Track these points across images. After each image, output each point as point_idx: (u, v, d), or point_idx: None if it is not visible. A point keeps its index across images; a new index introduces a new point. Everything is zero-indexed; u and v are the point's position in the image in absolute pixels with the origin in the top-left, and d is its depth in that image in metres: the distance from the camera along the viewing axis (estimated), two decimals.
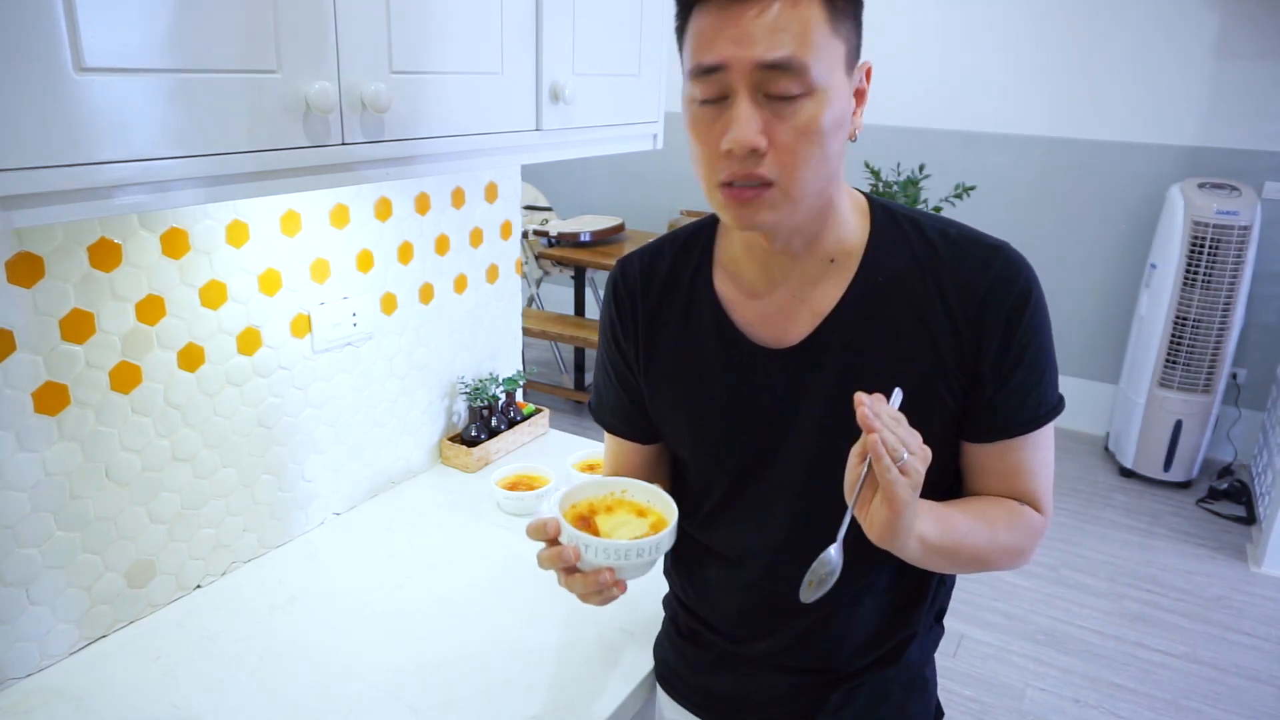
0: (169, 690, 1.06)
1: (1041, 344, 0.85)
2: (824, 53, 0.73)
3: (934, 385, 0.84)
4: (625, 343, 0.97)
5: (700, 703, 1.05)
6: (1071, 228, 4.00)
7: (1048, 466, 0.90)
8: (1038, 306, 0.84)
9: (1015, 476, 0.89)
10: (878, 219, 0.88)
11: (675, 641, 1.07)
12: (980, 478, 0.90)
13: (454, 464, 1.66)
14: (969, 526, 0.84)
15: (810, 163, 0.76)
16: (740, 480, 0.93)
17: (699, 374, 0.92)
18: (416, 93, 1.00)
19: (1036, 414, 0.86)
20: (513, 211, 1.74)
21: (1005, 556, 0.88)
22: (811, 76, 0.73)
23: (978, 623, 2.72)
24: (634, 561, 0.80)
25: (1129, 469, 3.69)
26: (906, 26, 4.12)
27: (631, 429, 1.01)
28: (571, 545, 0.80)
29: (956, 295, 0.83)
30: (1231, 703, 2.40)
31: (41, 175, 0.69)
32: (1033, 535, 0.89)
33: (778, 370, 0.88)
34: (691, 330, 0.92)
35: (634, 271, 0.97)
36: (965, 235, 0.86)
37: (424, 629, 1.19)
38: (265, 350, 1.29)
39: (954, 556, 0.83)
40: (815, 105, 0.74)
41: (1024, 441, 0.87)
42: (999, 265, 0.83)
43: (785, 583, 0.90)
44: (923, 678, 1.00)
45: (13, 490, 1.02)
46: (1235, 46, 3.53)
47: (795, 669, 0.97)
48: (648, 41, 1.37)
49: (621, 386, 1.00)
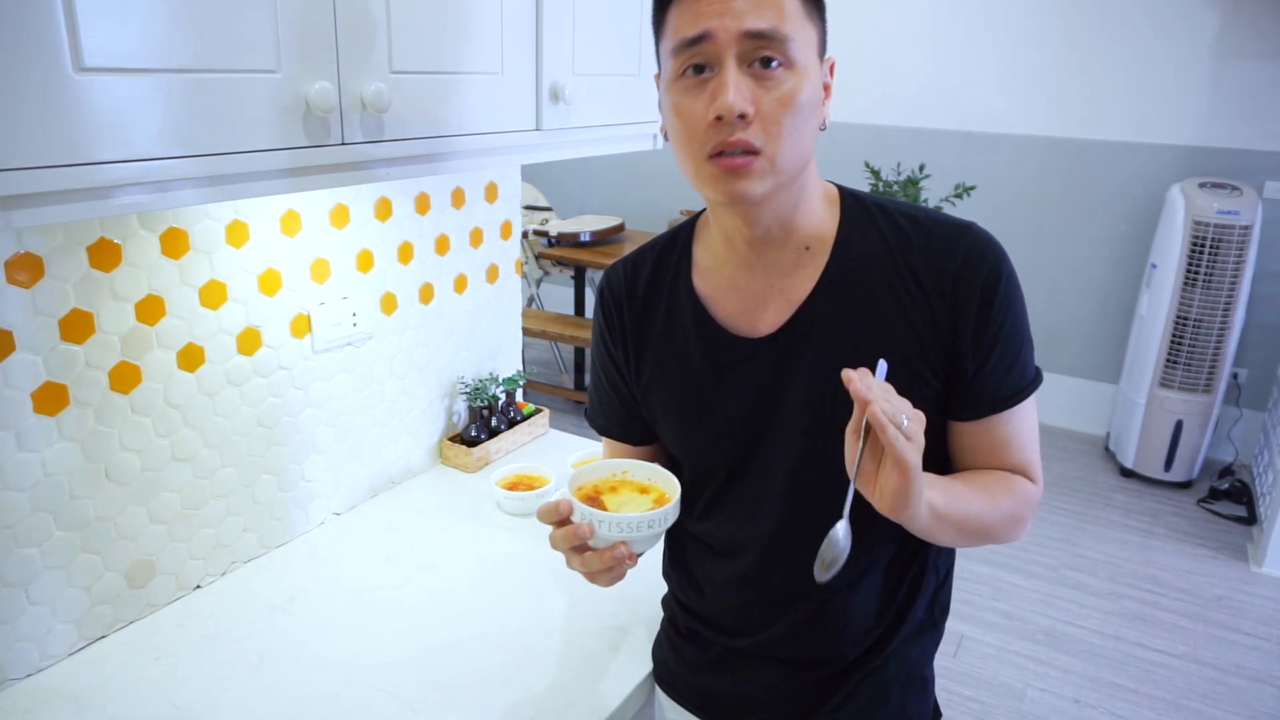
0: (169, 690, 1.06)
1: (1017, 318, 0.87)
2: (801, 32, 0.78)
3: (913, 366, 0.86)
4: (615, 349, 1.00)
5: (700, 704, 1.05)
6: (1072, 227, 4.00)
7: (1033, 437, 0.92)
8: (1010, 282, 0.86)
9: (1004, 450, 0.90)
10: (847, 206, 0.91)
11: (674, 641, 1.08)
12: (969, 455, 0.91)
13: (454, 464, 1.66)
14: (972, 495, 0.86)
15: (793, 134, 0.79)
16: (732, 473, 0.94)
17: (684, 370, 0.94)
18: (416, 93, 1.00)
19: (1019, 387, 0.88)
20: (513, 211, 1.74)
21: (1007, 525, 0.89)
22: (791, 50, 0.77)
23: (978, 623, 2.72)
24: (645, 533, 0.84)
25: (1129, 469, 3.69)
26: (907, 26, 4.12)
27: (624, 431, 1.04)
28: (585, 522, 0.83)
29: (929, 275, 0.85)
30: (1231, 703, 2.40)
31: (41, 175, 0.69)
32: (1029, 503, 0.91)
33: (757, 358, 0.90)
34: (675, 330, 0.95)
35: (618, 279, 1.00)
36: (932, 217, 0.89)
37: (424, 629, 1.19)
38: (265, 350, 1.29)
39: (961, 525, 0.84)
40: (795, 79, 0.78)
41: (1009, 416, 0.89)
42: (968, 243, 0.86)
43: (780, 571, 0.93)
44: (922, 678, 1.00)
45: (13, 490, 1.02)
46: (1235, 46, 3.53)
47: (794, 662, 0.97)
48: (648, 41, 1.36)
49: (613, 390, 1.03)
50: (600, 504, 0.88)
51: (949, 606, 1.02)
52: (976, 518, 0.85)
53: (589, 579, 0.88)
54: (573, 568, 0.87)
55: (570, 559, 0.87)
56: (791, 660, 0.97)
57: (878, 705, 0.97)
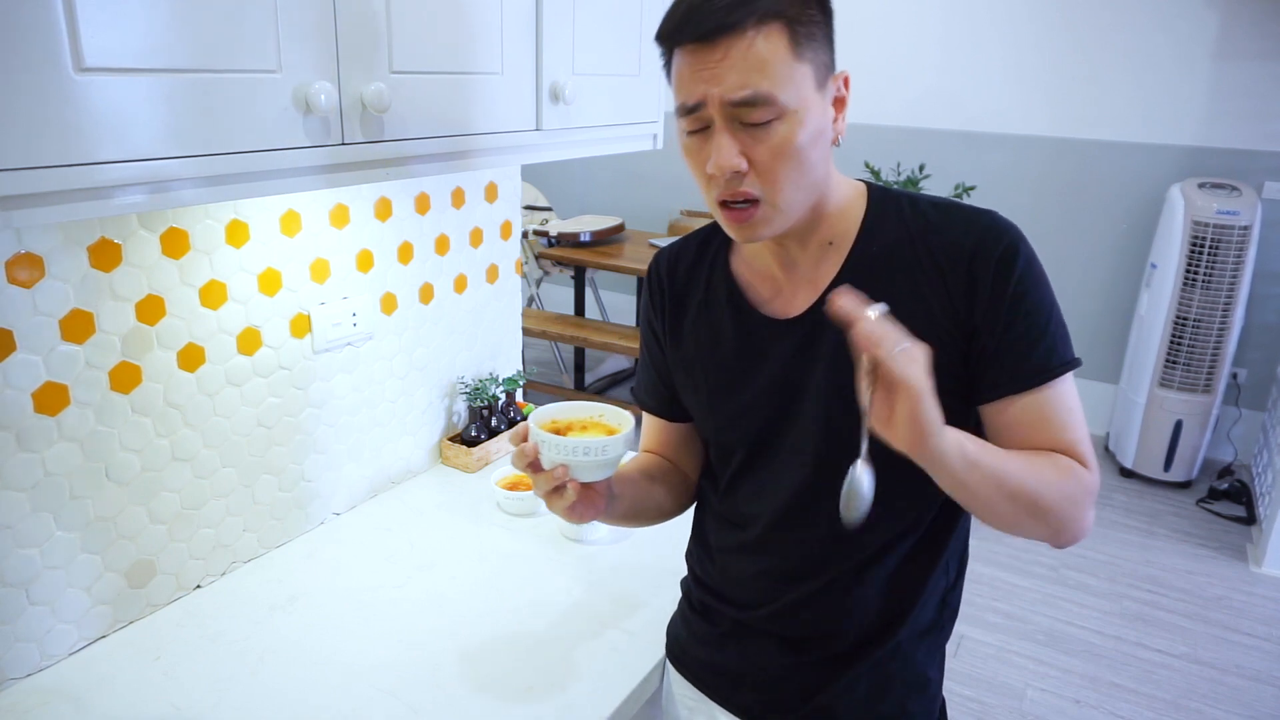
0: (169, 690, 1.06)
1: (1041, 296, 0.86)
2: (789, 80, 0.80)
3: (934, 347, 0.84)
4: (656, 322, 1.06)
5: (705, 678, 1.07)
6: (1072, 228, 4.00)
7: (1077, 420, 0.87)
8: (1029, 261, 0.86)
9: (1042, 430, 0.86)
10: (874, 199, 0.94)
11: (687, 617, 1.11)
12: (1006, 440, 0.87)
13: (454, 464, 1.66)
14: (1010, 458, 0.82)
15: (790, 177, 0.83)
16: (754, 448, 0.98)
17: (717, 347, 0.99)
18: (417, 93, 1.00)
19: (1048, 363, 0.85)
20: (513, 211, 1.74)
21: (1063, 502, 0.83)
22: (780, 103, 0.80)
23: (978, 623, 2.72)
24: (584, 459, 0.89)
25: (1129, 469, 3.69)
26: (907, 26, 4.12)
27: (661, 406, 1.09)
28: (533, 443, 0.91)
29: (945, 254, 0.87)
30: (1231, 703, 2.40)
31: (41, 175, 0.69)
32: (1084, 486, 0.85)
33: (784, 339, 0.94)
34: (711, 309, 1.00)
35: (664, 259, 1.07)
36: (954, 204, 0.92)
37: (424, 628, 1.19)
38: (265, 350, 1.29)
39: (1002, 484, 0.80)
40: (788, 126, 0.81)
41: (1042, 396, 0.85)
42: (986, 223, 0.88)
43: (791, 542, 0.96)
44: (925, 678, 1.00)
45: (13, 490, 1.02)
46: (1235, 46, 3.53)
47: (797, 643, 0.99)
48: (648, 41, 1.36)
49: (654, 366, 1.08)
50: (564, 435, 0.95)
51: (958, 611, 1.02)
52: (1019, 480, 0.80)
53: (547, 505, 0.93)
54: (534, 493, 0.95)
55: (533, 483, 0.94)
56: (795, 640, 0.99)
57: (877, 700, 0.98)
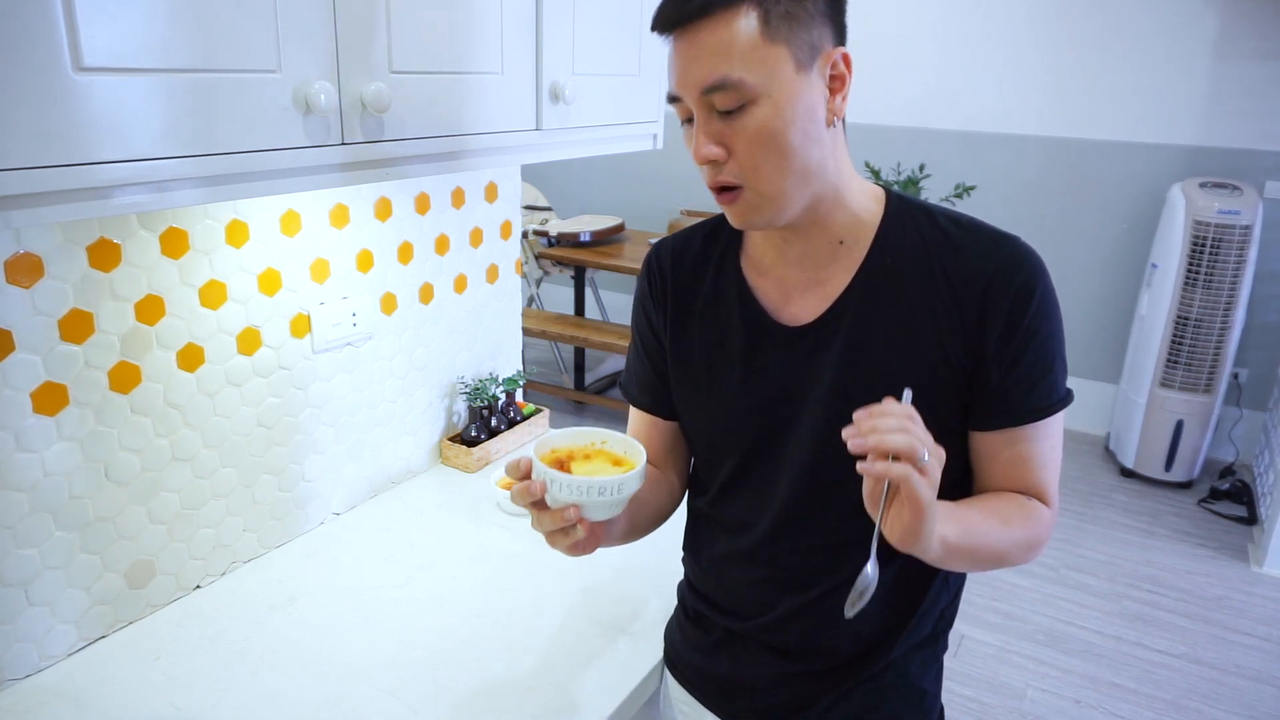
0: (169, 690, 1.06)
1: (1051, 333, 0.87)
2: (760, 63, 0.78)
3: (939, 367, 0.86)
4: (654, 313, 1.02)
5: (701, 685, 1.07)
6: (1072, 228, 4.00)
7: (1055, 459, 0.91)
8: (1046, 295, 0.86)
9: (1023, 467, 0.89)
10: (892, 206, 0.91)
11: (682, 624, 1.10)
12: (989, 467, 0.91)
13: (454, 464, 1.66)
14: (987, 525, 0.86)
15: (771, 161, 0.81)
16: (751, 454, 0.96)
17: (723, 346, 0.96)
18: (416, 93, 1.00)
19: (1047, 403, 0.87)
20: (513, 211, 1.74)
21: (1021, 551, 0.89)
22: (749, 87, 0.79)
23: (978, 623, 2.72)
24: (596, 499, 0.83)
25: (1130, 469, 3.69)
26: (906, 26, 4.12)
27: (654, 402, 1.05)
28: (539, 480, 0.83)
29: (961, 278, 0.86)
30: (1232, 703, 2.40)
31: (41, 175, 0.69)
32: (1045, 527, 0.90)
33: (792, 346, 0.92)
34: (719, 306, 0.97)
35: (667, 249, 1.03)
36: (977, 224, 0.89)
37: (424, 628, 1.19)
38: (265, 350, 1.29)
39: (974, 555, 0.84)
40: (762, 111, 0.79)
41: (1032, 431, 0.88)
42: (1006, 252, 0.86)
43: (786, 551, 0.95)
44: (919, 690, 1.00)
45: (12, 490, 1.02)
46: (1235, 46, 3.53)
47: (791, 652, 0.98)
48: (648, 41, 1.36)
49: (648, 358, 1.04)
50: (567, 469, 0.88)
51: (953, 621, 1.02)
52: (990, 547, 0.85)
53: (549, 542, 0.88)
54: (534, 528, 0.88)
55: (532, 518, 0.87)
56: (789, 650, 0.98)
57: (869, 712, 0.97)
